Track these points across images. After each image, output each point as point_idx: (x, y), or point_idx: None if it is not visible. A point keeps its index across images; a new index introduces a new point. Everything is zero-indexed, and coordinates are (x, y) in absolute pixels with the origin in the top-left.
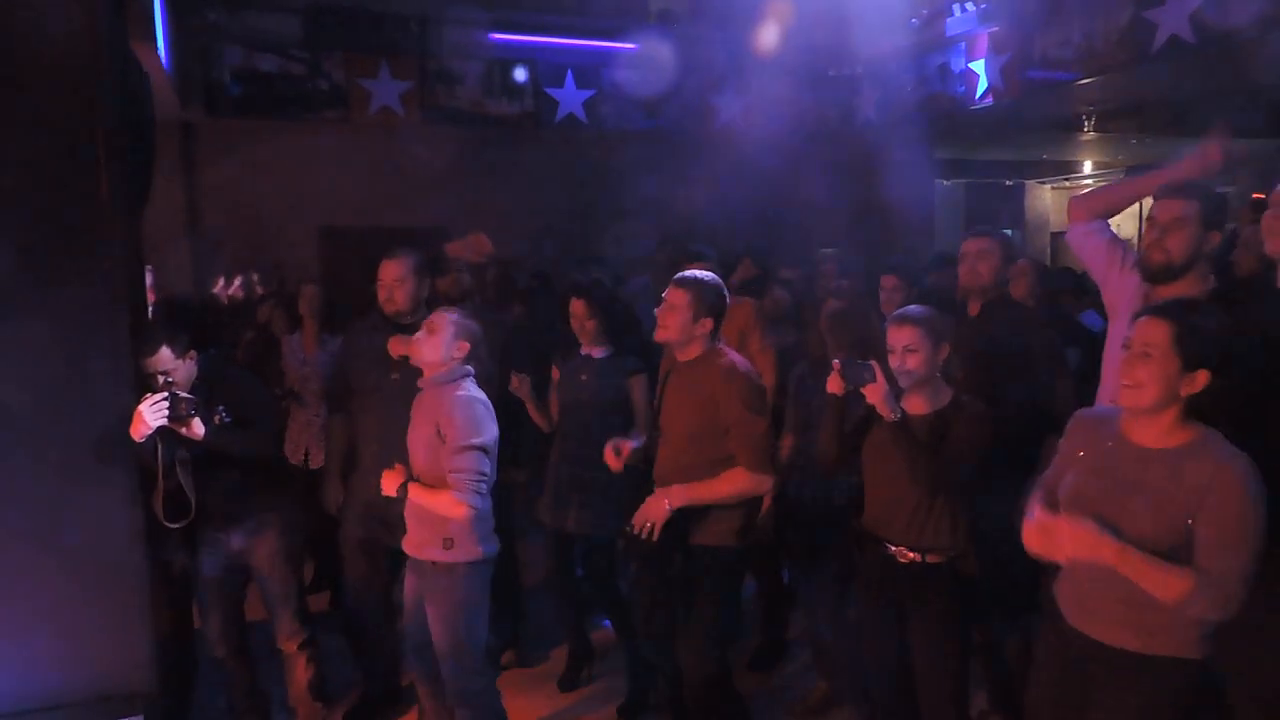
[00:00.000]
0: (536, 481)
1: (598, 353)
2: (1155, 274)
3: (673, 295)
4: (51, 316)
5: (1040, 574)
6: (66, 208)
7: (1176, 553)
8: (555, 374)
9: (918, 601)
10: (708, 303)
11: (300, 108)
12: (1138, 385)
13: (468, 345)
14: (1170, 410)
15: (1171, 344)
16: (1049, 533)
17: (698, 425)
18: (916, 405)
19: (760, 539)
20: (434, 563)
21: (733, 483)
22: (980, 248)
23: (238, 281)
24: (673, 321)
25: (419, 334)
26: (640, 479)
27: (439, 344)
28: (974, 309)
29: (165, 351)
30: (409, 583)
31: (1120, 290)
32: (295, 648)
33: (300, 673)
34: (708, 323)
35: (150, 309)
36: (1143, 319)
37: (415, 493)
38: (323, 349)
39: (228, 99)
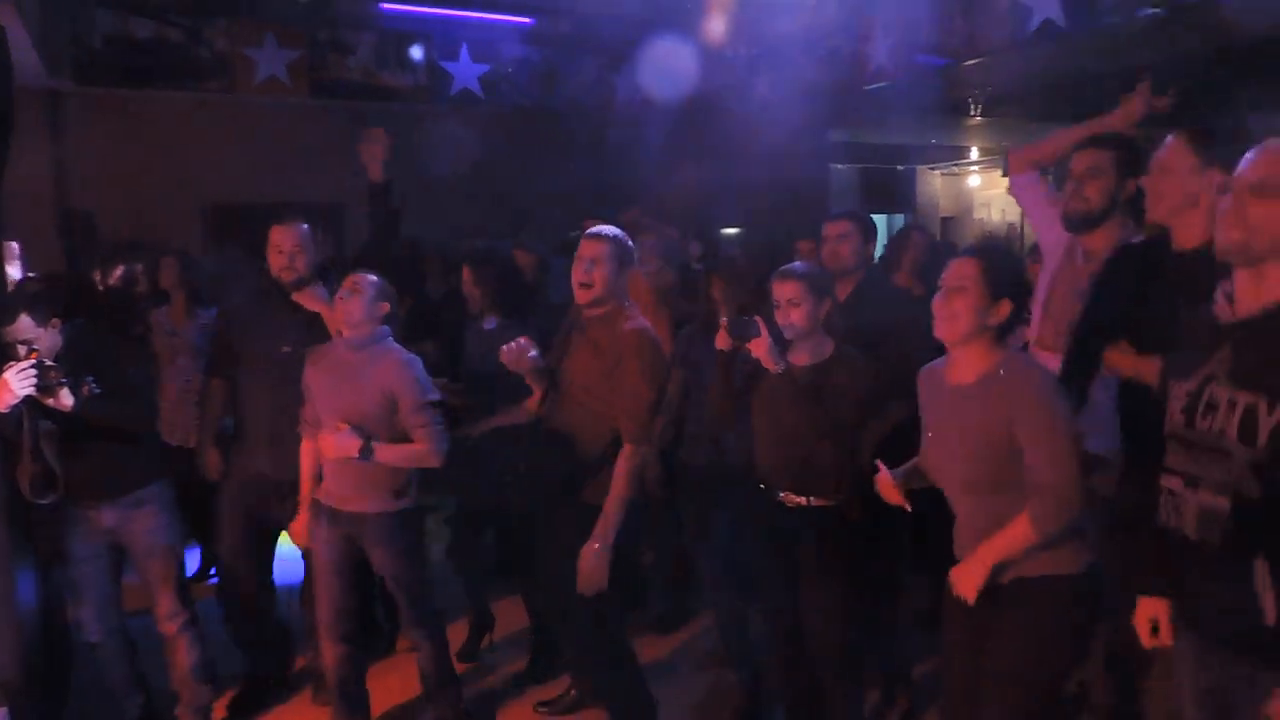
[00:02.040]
0: None
1: (488, 323)
2: (1075, 222)
3: (593, 249)
4: None
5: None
6: None
7: (1003, 481)
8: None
9: (805, 545)
10: (625, 255)
11: (180, 77)
12: (953, 316)
13: (387, 305)
14: (981, 340)
15: (979, 277)
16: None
17: (595, 379)
18: (800, 357)
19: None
20: (385, 513)
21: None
22: (840, 230)
23: (119, 271)
24: (598, 275)
25: (341, 294)
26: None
27: (362, 304)
28: (842, 292)
29: (25, 319)
30: (330, 544)
31: (1053, 239)
32: (176, 629)
33: (183, 655)
34: (623, 280)
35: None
36: (955, 259)
37: (384, 451)
38: (193, 321)
39: (100, 66)
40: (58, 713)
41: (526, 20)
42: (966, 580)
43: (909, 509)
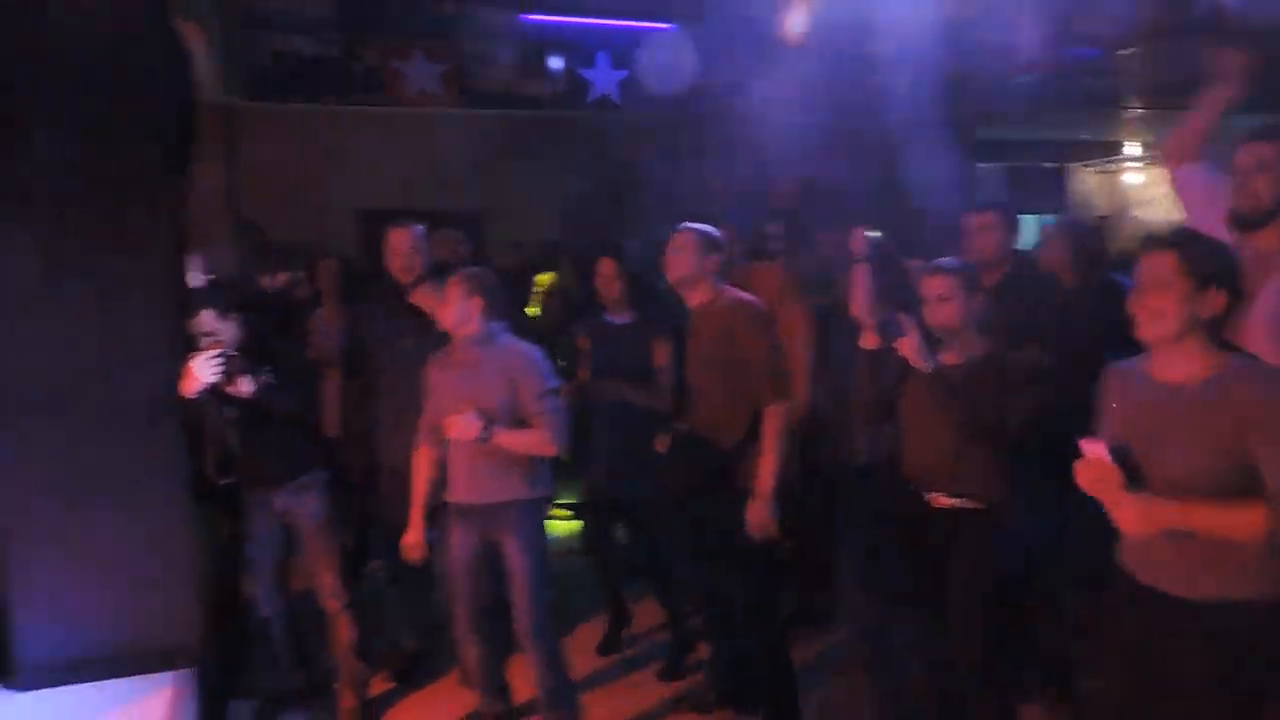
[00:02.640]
0: None
1: (622, 319)
2: (1244, 219)
3: (679, 238)
4: (98, 284)
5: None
6: (114, 180)
7: (1225, 487)
8: (581, 344)
9: (953, 547)
10: (709, 243)
11: (338, 91)
12: (1157, 314)
13: (481, 299)
14: (1194, 337)
15: (1179, 268)
16: (1114, 505)
17: (716, 361)
18: (951, 356)
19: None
20: (518, 500)
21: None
22: (984, 222)
23: (282, 275)
24: (681, 260)
25: (440, 300)
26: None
27: (454, 307)
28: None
29: (208, 314)
30: (464, 545)
31: (1217, 235)
32: (339, 607)
33: (344, 632)
34: (713, 260)
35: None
36: (1144, 255)
37: (504, 436)
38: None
39: (267, 82)
40: (235, 681)
41: (666, 26)
42: (1146, 514)
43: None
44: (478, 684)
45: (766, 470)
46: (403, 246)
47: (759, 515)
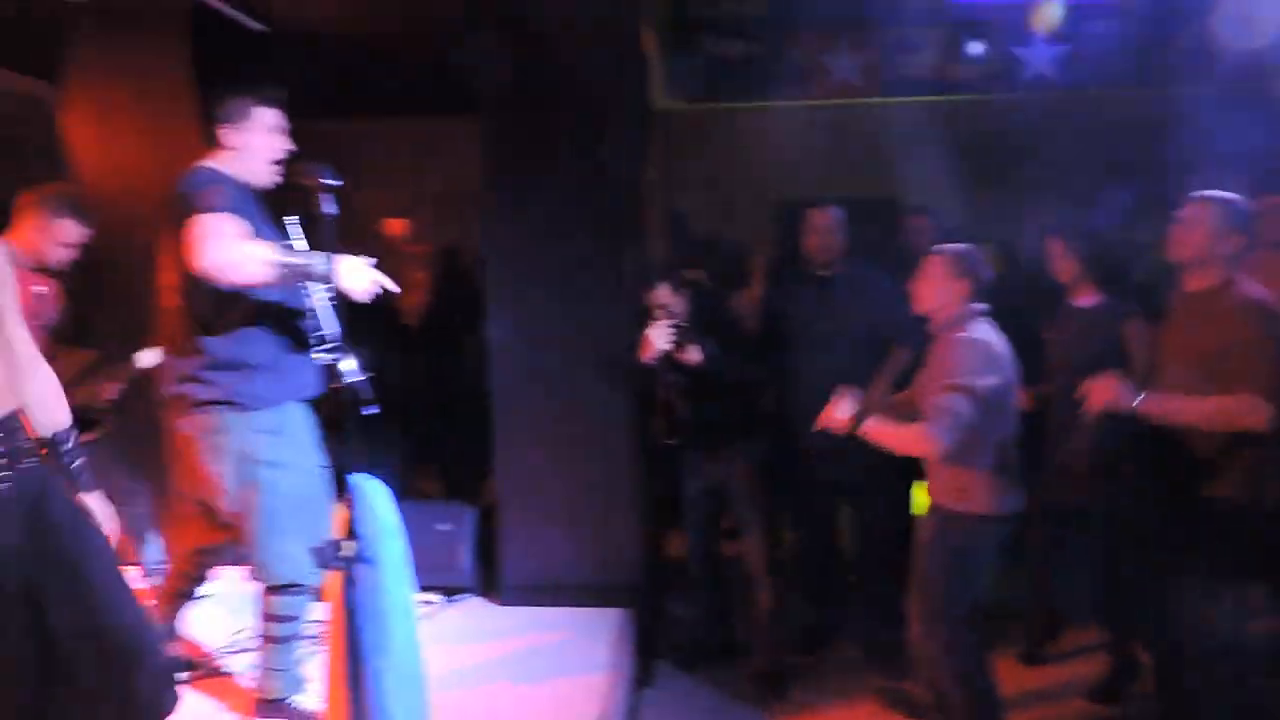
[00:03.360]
0: None
1: (1085, 300)
2: None
3: (1192, 209)
4: (574, 268)
5: None
6: (587, 176)
7: None
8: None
9: None
10: (1234, 219)
11: (764, 89)
12: None
13: (967, 283)
14: None
15: None
16: None
17: (1203, 359)
18: None
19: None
20: (940, 508)
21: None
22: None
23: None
24: (1191, 236)
25: (915, 279)
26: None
27: (934, 287)
28: None
29: (664, 287)
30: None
31: None
32: (762, 574)
33: (763, 600)
34: (1233, 241)
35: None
36: None
37: (875, 428)
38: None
39: (701, 85)
40: (662, 628)
41: None
42: None
43: None
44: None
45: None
46: (822, 226)
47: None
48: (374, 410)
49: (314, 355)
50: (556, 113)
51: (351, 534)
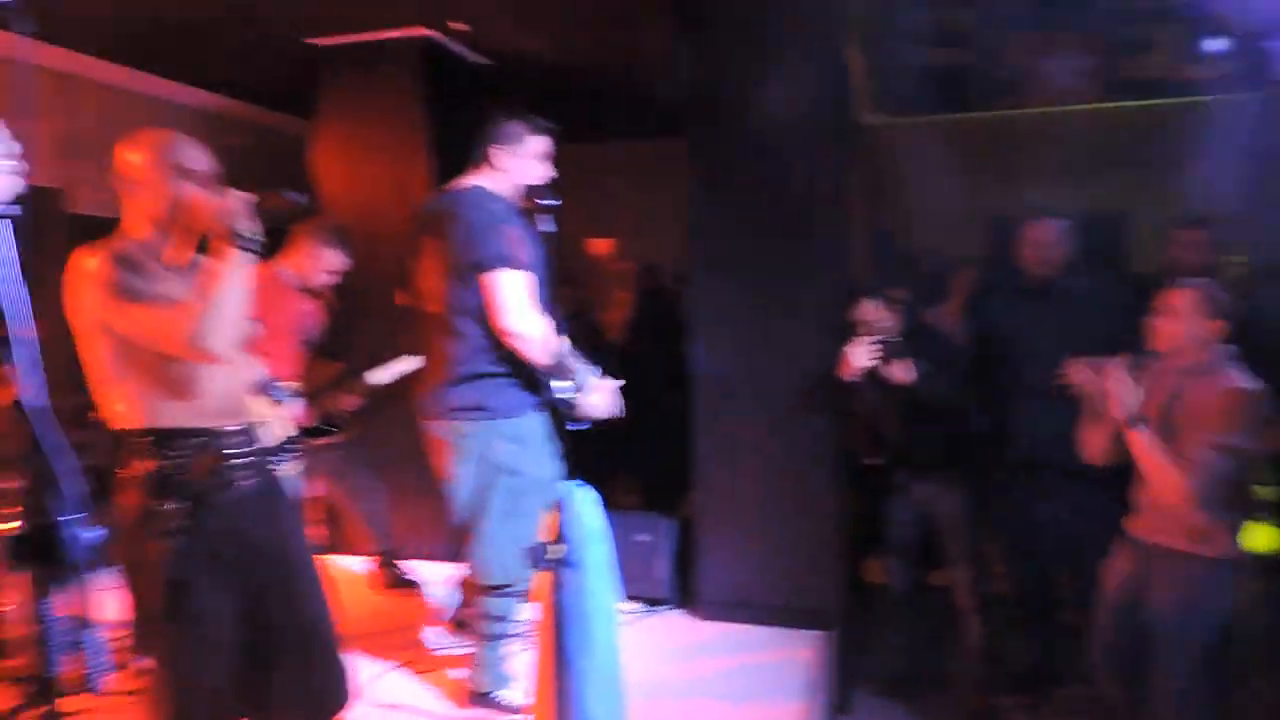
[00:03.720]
0: None
1: None
2: None
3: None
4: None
5: None
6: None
7: None
8: None
9: None
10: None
11: (976, 98)
12: None
13: (1220, 324)
14: None
15: None
16: None
17: None
18: None
19: None
20: (1182, 554)
21: None
22: None
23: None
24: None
25: (1157, 311)
26: None
27: (1182, 325)
28: None
29: (868, 303)
30: (1120, 576)
31: None
32: (968, 606)
33: (973, 635)
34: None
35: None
36: None
37: (1146, 439)
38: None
39: (907, 98)
40: (864, 654)
41: None
42: None
43: None
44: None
45: None
46: (1040, 238)
47: None
48: (584, 426)
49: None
50: (761, 130)
51: (560, 538)
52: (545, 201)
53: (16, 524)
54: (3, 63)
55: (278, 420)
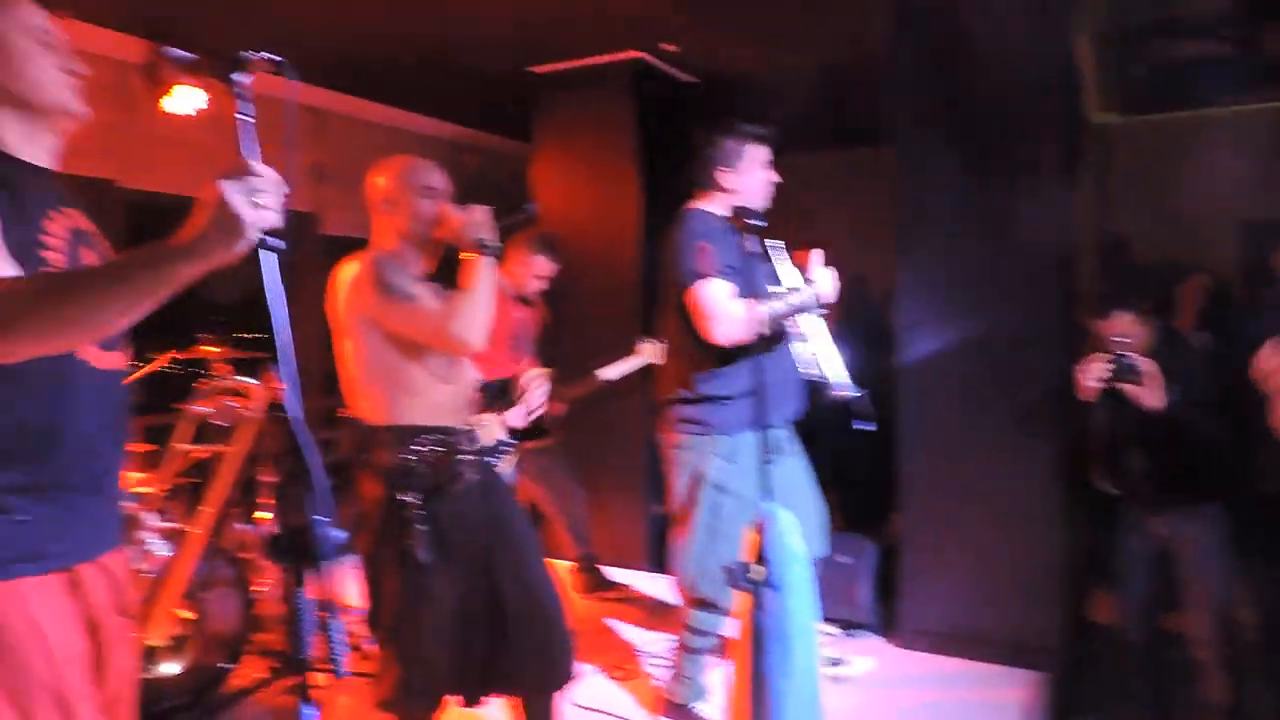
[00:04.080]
0: None
1: None
2: None
3: None
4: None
5: None
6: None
7: None
8: None
9: None
10: None
11: (1225, 94)
12: None
13: None
14: None
15: None
16: None
17: None
18: None
19: None
20: None
21: None
22: None
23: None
24: None
25: None
26: None
27: None
28: None
29: (1123, 315)
30: None
31: None
32: (1208, 658)
33: (1214, 688)
34: None
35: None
36: None
37: None
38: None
39: (1143, 95)
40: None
41: None
42: None
43: None
44: None
45: None
46: None
47: None
48: (869, 426)
49: (802, 376)
50: (982, 134)
51: (761, 559)
52: (750, 221)
53: (271, 515)
54: (269, 101)
55: (493, 422)
